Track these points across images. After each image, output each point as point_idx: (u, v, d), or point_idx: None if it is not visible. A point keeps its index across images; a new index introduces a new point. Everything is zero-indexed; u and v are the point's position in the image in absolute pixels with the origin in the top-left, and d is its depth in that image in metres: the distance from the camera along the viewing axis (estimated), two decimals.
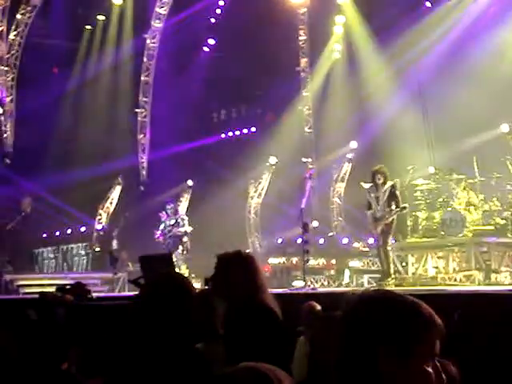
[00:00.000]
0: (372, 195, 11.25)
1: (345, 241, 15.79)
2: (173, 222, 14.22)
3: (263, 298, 3.74)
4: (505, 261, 11.84)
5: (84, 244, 16.53)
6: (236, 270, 3.78)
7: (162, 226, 14.35)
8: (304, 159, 17.42)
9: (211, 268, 4.06)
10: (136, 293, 5.89)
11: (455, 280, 11.93)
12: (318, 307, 6.11)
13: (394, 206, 11.06)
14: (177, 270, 12.03)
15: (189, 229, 14.25)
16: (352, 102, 16.99)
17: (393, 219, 11.14)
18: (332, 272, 14.41)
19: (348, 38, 17.36)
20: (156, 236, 14.28)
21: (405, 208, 11.35)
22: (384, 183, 11.15)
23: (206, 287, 5.94)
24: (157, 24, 18.39)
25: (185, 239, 14.16)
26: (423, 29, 16.14)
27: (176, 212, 14.47)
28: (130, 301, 5.18)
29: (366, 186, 11.43)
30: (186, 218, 14.35)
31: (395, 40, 16.27)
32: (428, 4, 16.61)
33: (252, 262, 3.87)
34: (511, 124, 13.77)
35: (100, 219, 17.15)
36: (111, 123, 17.24)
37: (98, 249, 16.20)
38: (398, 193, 11.24)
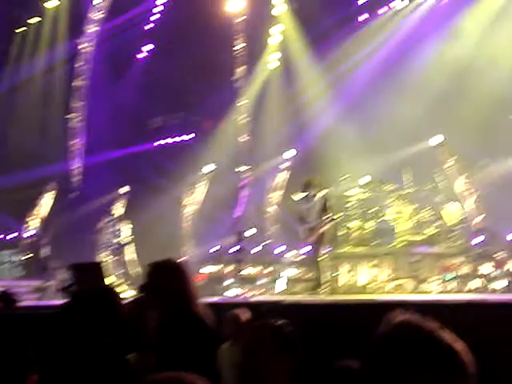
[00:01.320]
0: (303, 207, 11.30)
1: (279, 249, 15.81)
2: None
3: (194, 307, 3.70)
4: (435, 270, 12.07)
5: (13, 251, 16.12)
6: (166, 278, 3.73)
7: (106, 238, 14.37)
8: (238, 168, 17.40)
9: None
10: (65, 301, 5.76)
11: (385, 289, 12.10)
12: (243, 316, 6.08)
13: (325, 217, 11.13)
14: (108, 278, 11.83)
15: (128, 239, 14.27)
16: (289, 111, 17.10)
17: (324, 230, 11.20)
18: (265, 280, 14.41)
19: (285, 48, 17.47)
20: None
21: (333, 219, 11.42)
22: (315, 194, 11.21)
23: (141, 295, 5.85)
24: (92, 28, 18.15)
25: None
26: (360, 40, 16.40)
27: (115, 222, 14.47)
28: (59, 309, 5.06)
29: (297, 197, 11.47)
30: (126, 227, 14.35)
31: (331, 50, 16.50)
32: (362, 17, 16.87)
33: (182, 270, 3.83)
34: (443, 135, 14.09)
35: (29, 226, 16.77)
36: (43, 128, 16.88)
37: (26, 256, 15.82)
38: (328, 203, 11.29)
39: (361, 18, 16.92)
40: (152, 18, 18.28)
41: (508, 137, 13.84)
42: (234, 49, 17.72)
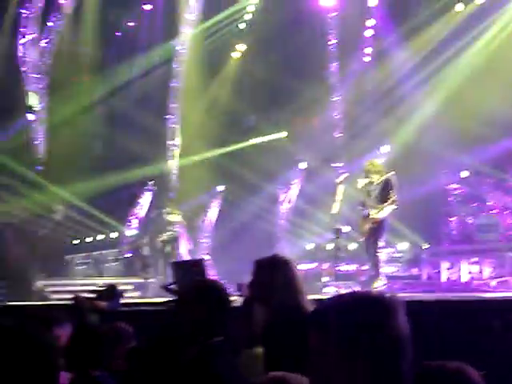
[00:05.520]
0: (365, 193, 10.76)
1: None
2: None
3: (303, 302, 3.66)
4: None
5: (115, 250, 16.58)
6: (275, 274, 3.70)
7: None
8: (334, 164, 17.27)
9: (242, 273, 3.99)
10: (169, 299, 5.84)
11: (489, 286, 11.75)
12: None
13: (385, 203, 10.41)
14: None
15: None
16: (384, 105, 16.87)
17: (383, 217, 10.47)
18: (364, 278, 14.25)
19: (379, 41, 17.22)
20: None
21: (394, 206, 10.53)
22: (378, 178, 10.65)
23: (239, 293, 5.86)
24: (186, 30, 18.43)
25: None
26: (457, 30, 15.98)
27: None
28: (165, 306, 5.13)
29: (362, 182, 10.92)
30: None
31: (428, 42, 16.16)
32: (459, 7, 16.43)
33: (290, 265, 3.80)
34: None
35: (131, 225, 17.20)
36: (142, 129, 17.28)
37: (128, 254, 16.24)
38: (393, 188, 10.50)
39: (457, 9, 16.49)
40: (245, 17, 18.38)
41: None
42: (328, 44, 17.64)
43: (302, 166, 18.06)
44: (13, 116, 17.11)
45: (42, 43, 17.24)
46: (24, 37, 17.06)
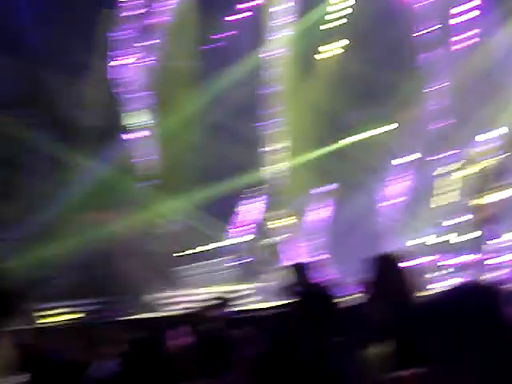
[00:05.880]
0: (472, 181, 10.56)
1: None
2: None
3: (418, 298, 3.67)
4: None
5: (226, 257, 16.83)
6: (389, 271, 3.71)
7: None
8: (438, 155, 16.95)
9: (353, 272, 4.01)
10: (283, 302, 5.93)
11: None
12: None
13: (485, 191, 10.18)
14: None
15: None
16: (485, 90, 16.39)
17: (493, 204, 10.21)
18: (477, 269, 13.91)
19: (477, 24, 16.76)
20: None
21: (502, 188, 10.22)
22: (483, 165, 10.41)
23: (354, 292, 5.88)
24: (279, 33, 18.55)
25: None
26: None
27: None
28: (280, 309, 5.22)
29: (467, 171, 10.70)
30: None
31: None
32: None
33: (403, 261, 3.81)
34: None
35: (240, 232, 17.43)
36: (243, 137, 17.53)
37: (240, 261, 16.46)
38: (490, 176, 10.25)
39: None
40: (338, 15, 18.32)
41: None
42: (421, 33, 17.36)
43: (406, 159, 17.79)
44: (117, 135, 17.72)
45: (141, 61, 17.78)
46: (125, 56, 17.67)
